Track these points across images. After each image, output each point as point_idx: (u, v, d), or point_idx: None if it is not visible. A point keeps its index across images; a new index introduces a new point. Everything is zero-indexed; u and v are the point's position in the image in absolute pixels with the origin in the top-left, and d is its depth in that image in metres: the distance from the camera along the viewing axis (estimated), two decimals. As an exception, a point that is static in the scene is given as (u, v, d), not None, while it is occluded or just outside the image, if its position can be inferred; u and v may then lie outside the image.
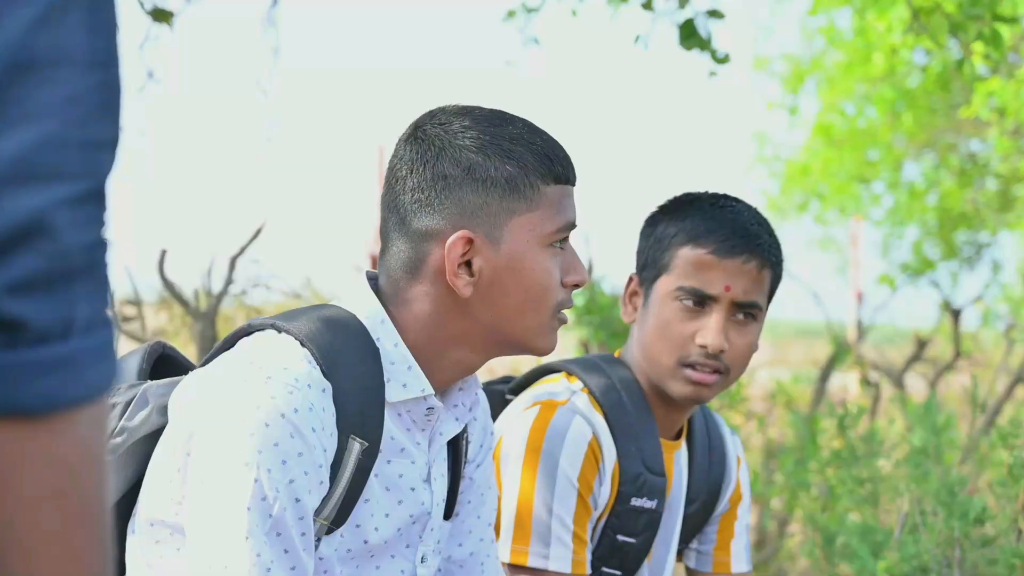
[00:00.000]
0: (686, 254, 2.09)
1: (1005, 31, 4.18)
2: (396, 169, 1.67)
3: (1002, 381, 8.48)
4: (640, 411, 2.13)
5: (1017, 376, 7.18)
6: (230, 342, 1.64)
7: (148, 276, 6.37)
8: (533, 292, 1.64)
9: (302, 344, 1.56)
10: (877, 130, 11.31)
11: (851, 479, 3.94)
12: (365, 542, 1.63)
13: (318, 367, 1.55)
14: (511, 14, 5.18)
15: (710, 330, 2.06)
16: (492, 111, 1.68)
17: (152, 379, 1.76)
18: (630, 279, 2.19)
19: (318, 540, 1.58)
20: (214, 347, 1.66)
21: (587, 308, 6.64)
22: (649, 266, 2.14)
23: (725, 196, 2.17)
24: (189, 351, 5.26)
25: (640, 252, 2.18)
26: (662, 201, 2.21)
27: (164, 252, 5.95)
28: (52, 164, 0.69)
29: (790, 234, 15.85)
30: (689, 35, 4.44)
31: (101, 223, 0.72)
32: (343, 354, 1.58)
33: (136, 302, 6.39)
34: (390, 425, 1.63)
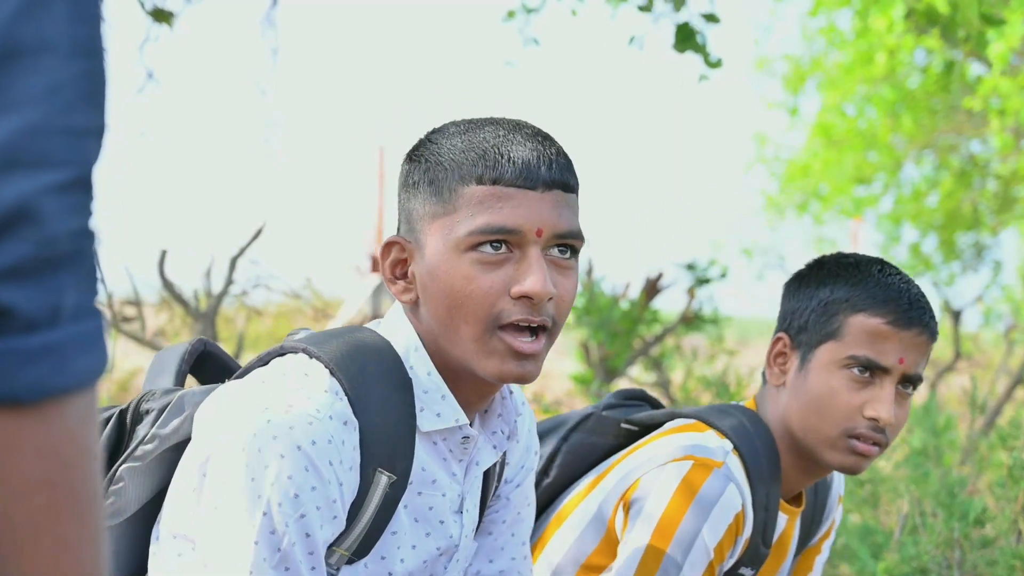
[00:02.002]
0: (861, 322, 2.01)
1: (993, 33, 4.19)
2: None
3: (1002, 382, 8.49)
4: (774, 478, 2.06)
5: (1017, 377, 7.18)
6: (264, 361, 1.61)
7: (148, 276, 6.39)
8: (452, 299, 1.53)
9: (332, 373, 1.52)
10: (877, 131, 11.32)
11: (851, 480, 3.93)
12: (390, 574, 1.59)
13: (345, 398, 1.50)
14: (511, 15, 5.19)
15: (883, 403, 1.99)
16: (472, 121, 1.60)
17: (193, 375, 1.75)
18: (777, 339, 2.10)
19: (337, 570, 1.54)
20: (247, 363, 1.63)
21: (586, 308, 6.63)
22: (810, 330, 2.05)
23: (885, 262, 2.10)
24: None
25: (794, 313, 2.09)
26: (807, 262, 2.13)
27: (164, 252, 5.96)
28: (36, 151, 0.69)
29: (790, 234, 15.88)
30: (685, 38, 4.44)
31: (88, 211, 0.72)
32: (374, 384, 1.53)
33: (136, 302, 6.39)
34: (422, 455, 1.58)
